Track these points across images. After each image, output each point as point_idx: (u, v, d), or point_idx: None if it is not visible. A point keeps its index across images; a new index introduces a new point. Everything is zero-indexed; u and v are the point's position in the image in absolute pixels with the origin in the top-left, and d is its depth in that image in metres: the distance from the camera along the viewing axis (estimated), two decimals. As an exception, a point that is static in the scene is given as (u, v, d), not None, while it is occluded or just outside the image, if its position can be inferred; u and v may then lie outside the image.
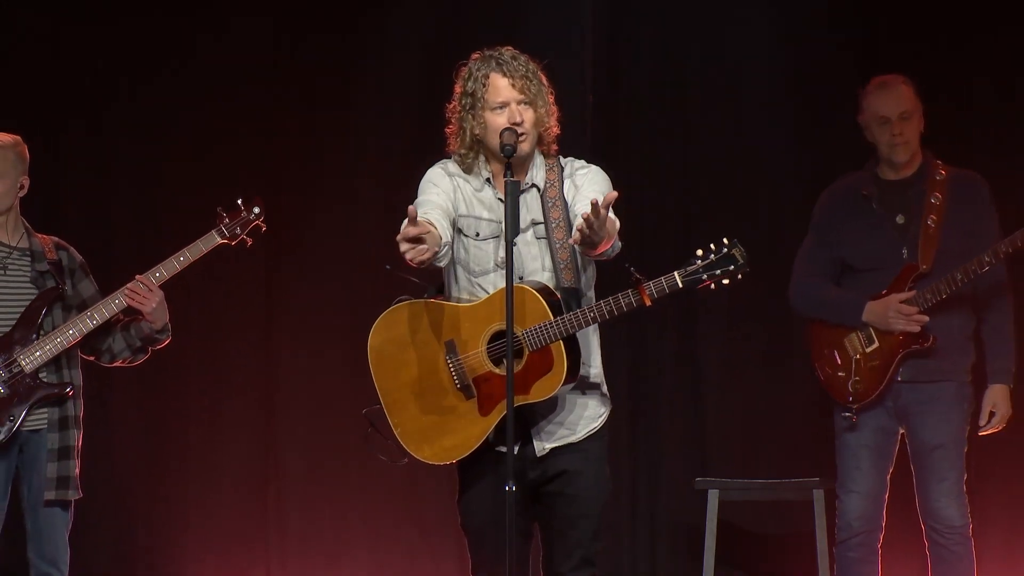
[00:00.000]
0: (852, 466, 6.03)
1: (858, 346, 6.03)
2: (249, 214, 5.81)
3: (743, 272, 4.70)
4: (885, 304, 5.97)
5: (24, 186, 5.76)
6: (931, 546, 6.00)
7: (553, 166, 4.91)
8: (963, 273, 5.90)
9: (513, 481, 4.64)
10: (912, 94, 6.06)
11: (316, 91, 7.31)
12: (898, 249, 6.02)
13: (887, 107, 6.03)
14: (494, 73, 4.84)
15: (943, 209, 6.00)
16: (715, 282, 4.70)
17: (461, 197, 4.90)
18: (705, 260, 4.70)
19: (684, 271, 4.71)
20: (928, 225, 5.99)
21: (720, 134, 7.22)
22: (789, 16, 7.14)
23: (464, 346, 4.83)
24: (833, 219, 6.13)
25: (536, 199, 4.89)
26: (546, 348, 4.75)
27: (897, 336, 5.99)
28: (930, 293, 5.94)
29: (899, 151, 6.04)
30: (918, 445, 5.99)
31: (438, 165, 4.97)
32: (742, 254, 4.70)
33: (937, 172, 6.06)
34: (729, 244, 4.72)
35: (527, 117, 4.82)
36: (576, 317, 4.73)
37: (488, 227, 4.89)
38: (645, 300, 4.69)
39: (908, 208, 6.05)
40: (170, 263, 5.73)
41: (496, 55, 4.86)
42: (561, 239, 4.83)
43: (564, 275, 4.84)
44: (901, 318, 5.95)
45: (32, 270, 5.74)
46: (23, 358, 5.65)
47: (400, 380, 4.89)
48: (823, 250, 6.14)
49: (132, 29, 7.25)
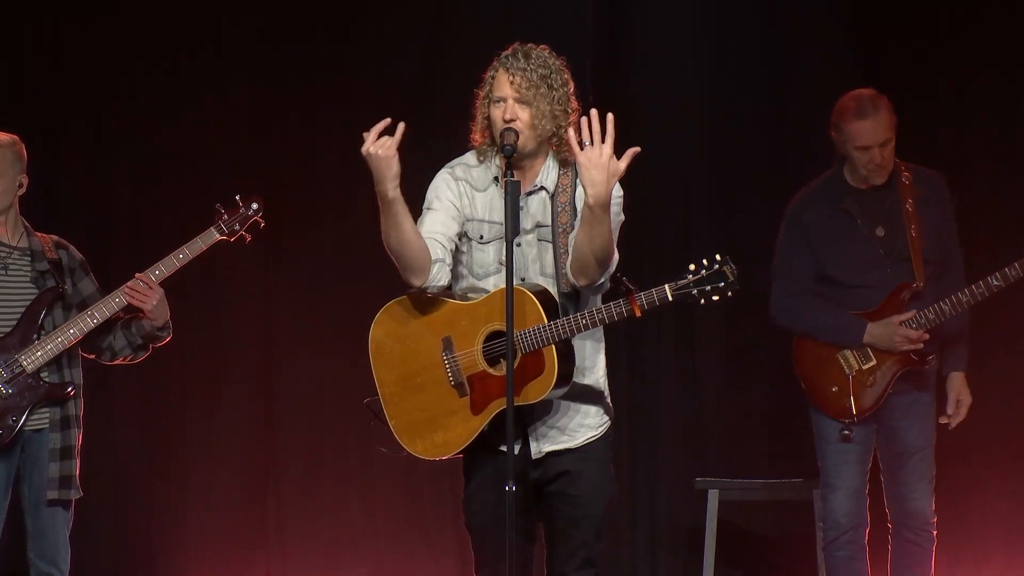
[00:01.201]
0: (840, 462, 6.02)
1: (853, 364, 6.00)
2: (247, 210, 5.82)
3: (733, 290, 4.73)
4: (890, 327, 5.94)
5: (23, 185, 5.76)
6: (899, 541, 6.02)
7: (568, 171, 4.90)
8: (969, 295, 5.89)
9: (513, 481, 4.65)
10: (891, 117, 5.97)
11: (315, 91, 7.31)
12: (883, 265, 6.00)
13: (869, 137, 5.94)
14: (500, 68, 4.85)
15: (916, 215, 5.99)
16: (705, 298, 4.73)
17: (468, 202, 4.91)
18: (696, 276, 4.73)
19: (675, 284, 4.74)
20: (912, 236, 5.98)
21: (720, 134, 7.22)
22: (789, 17, 7.14)
23: (461, 344, 4.84)
24: (811, 232, 6.07)
25: (544, 202, 4.89)
26: (539, 351, 4.77)
27: (897, 356, 5.97)
28: (933, 314, 5.92)
29: (878, 175, 6.00)
30: (900, 448, 5.99)
31: (445, 170, 4.98)
32: (733, 272, 4.73)
33: (903, 175, 6.04)
34: (720, 261, 4.73)
35: (519, 115, 4.81)
36: (568, 323, 4.75)
37: (491, 229, 4.89)
38: (635, 311, 4.73)
39: (887, 219, 6.02)
40: (169, 260, 5.74)
41: (511, 51, 4.88)
42: (565, 245, 4.84)
43: (564, 281, 4.85)
44: (908, 342, 5.93)
45: (32, 269, 5.74)
46: (24, 358, 5.65)
47: (398, 373, 4.90)
48: (803, 261, 6.07)
49: (132, 30, 7.25)
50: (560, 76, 4.85)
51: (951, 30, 7.04)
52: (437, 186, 4.95)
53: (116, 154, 7.32)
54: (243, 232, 5.82)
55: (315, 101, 7.31)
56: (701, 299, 4.74)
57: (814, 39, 7.12)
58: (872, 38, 7.09)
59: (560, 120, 4.83)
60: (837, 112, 6.01)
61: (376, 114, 7.26)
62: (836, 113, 6.02)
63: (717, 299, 4.74)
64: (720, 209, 7.19)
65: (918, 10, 7.06)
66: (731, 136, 7.21)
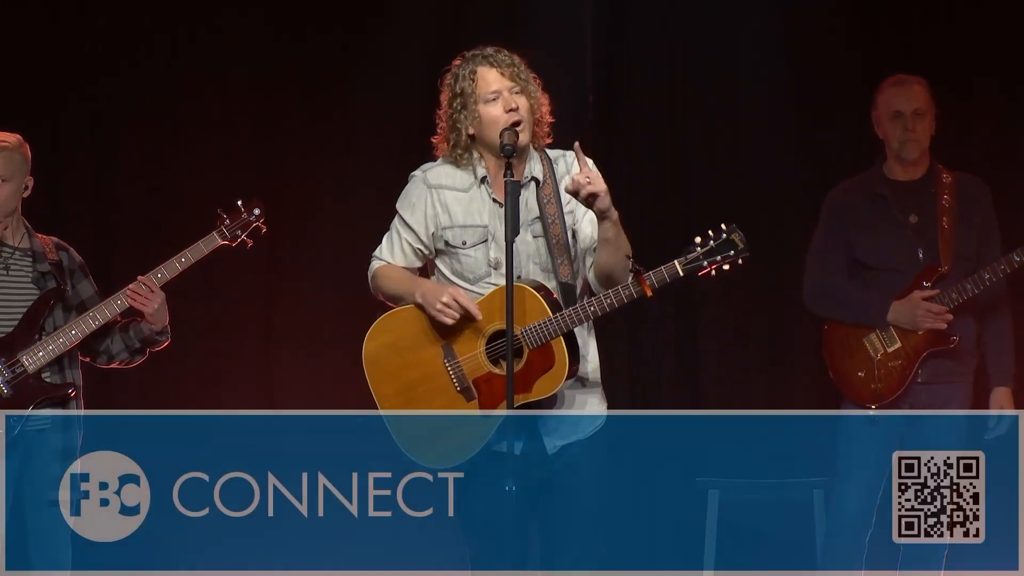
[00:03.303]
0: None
1: (879, 346, 6.04)
2: (249, 216, 5.82)
3: (743, 257, 4.68)
4: (912, 303, 5.98)
5: (28, 186, 5.76)
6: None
7: (543, 159, 4.90)
8: (991, 272, 5.93)
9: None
10: (927, 94, 6.07)
11: (316, 94, 7.30)
12: (914, 249, 6.04)
13: (902, 102, 6.04)
14: (481, 67, 4.85)
15: (953, 211, 6.02)
16: (716, 268, 4.69)
17: (441, 210, 4.89)
18: (705, 247, 4.69)
19: (684, 259, 4.70)
20: (944, 226, 6.01)
21: (720, 134, 7.22)
22: (790, 17, 7.14)
23: (462, 348, 4.82)
24: (847, 217, 6.13)
25: (533, 194, 4.89)
26: (546, 345, 4.75)
27: (921, 336, 5.99)
28: (956, 292, 5.96)
29: (909, 147, 6.04)
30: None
31: (418, 176, 4.96)
32: (741, 239, 4.69)
33: (943, 175, 6.08)
34: (728, 229, 4.71)
35: (522, 104, 4.82)
36: (576, 312, 4.73)
37: (474, 234, 4.87)
38: (646, 291, 4.69)
39: (921, 208, 6.06)
40: (171, 264, 5.74)
41: (479, 52, 4.88)
42: (558, 235, 4.83)
43: (561, 271, 4.84)
44: (930, 316, 5.95)
45: (34, 270, 5.74)
46: (26, 358, 5.65)
47: (397, 386, 4.87)
48: (838, 249, 6.14)
49: (132, 30, 7.25)
50: (527, 69, 4.90)
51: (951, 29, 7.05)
52: (411, 200, 4.94)
53: (116, 155, 7.31)
54: (245, 238, 5.82)
55: (316, 101, 7.30)
56: (712, 269, 4.70)
57: (814, 39, 7.12)
58: (873, 36, 7.09)
59: (540, 111, 4.87)
60: (876, 92, 6.11)
61: (377, 114, 7.34)
62: (875, 93, 6.11)
63: (728, 268, 4.70)
64: (720, 208, 7.19)
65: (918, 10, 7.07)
66: (731, 135, 7.21)
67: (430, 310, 4.77)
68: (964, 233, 6.03)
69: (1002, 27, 6.95)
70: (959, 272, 5.99)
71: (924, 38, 7.04)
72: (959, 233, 6.02)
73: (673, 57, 7.26)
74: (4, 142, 5.68)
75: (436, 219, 4.88)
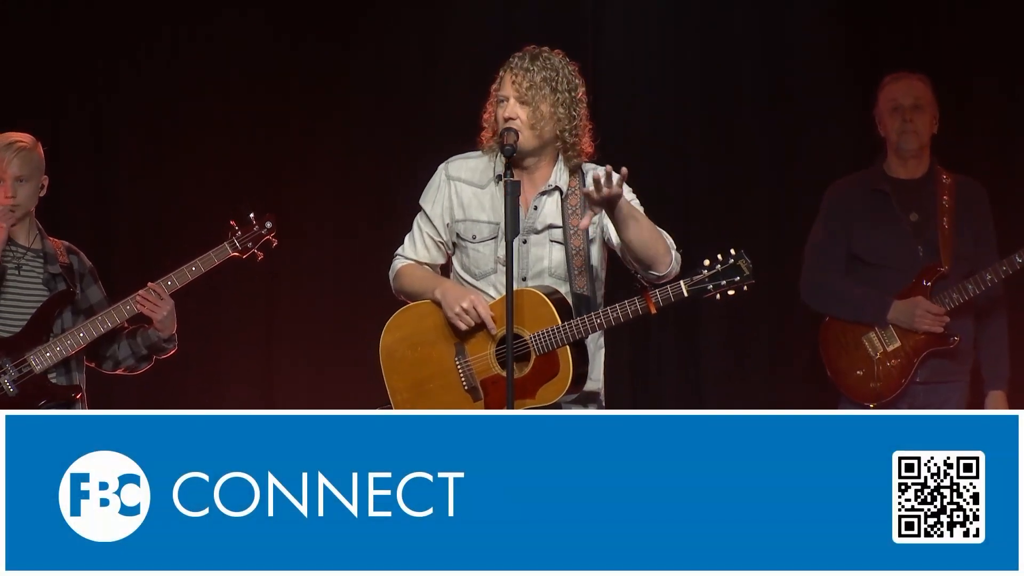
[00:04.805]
0: None
1: (878, 345, 6.04)
2: (261, 229, 5.81)
3: (748, 284, 4.74)
4: (913, 304, 5.98)
5: (44, 186, 5.75)
6: None
7: (576, 175, 4.92)
8: (992, 273, 5.93)
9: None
10: (928, 90, 6.12)
11: (316, 94, 7.31)
12: (913, 247, 6.05)
13: (901, 96, 6.07)
14: (505, 71, 4.93)
15: (952, 212, 6.03)
16: (720, 293, 4.74)
17: (456, 202, 4.93)
18: (711, 271, 4.74)
19: (690, 280, 4.75)
20: (944, 227, 6.02)
21: (720, 134, 7.22)
22: (788, 17, 7.15)
23: (474, 348, 4.84)
24: (847, 212, 6.13)
25: (556, 203, 4.91)
26: (553, 353, 4.78)
27: (921, 336, 6.00)
28: (957, 293, 5.96)
29: (907, 138, 6.05)
30: None
31: (441, 168, 5.03)
32: (748, 265, 4.74)
33: (943, 176, 6.09)
34: (736, 255, 4.75)
35: (518, 114, 4.84)
36: (583, 322, 4.76)
37: (486, 228, 4.91)
38: (651, 308, 4.74)
39: (921, 207, 6.07)
40: (182, 273, 5.74)
41: (521, 53, 4.92)
42: (578, 246, 4.86)
43: (577, 282, 4.87)
44: (928, 318, 5.96)
45: (45, 272, 5.74)
46: (33, 358, 5.65)
47: (410, 380, 4.90)
48: (836, 243, 6.14)
49: (132, 30, 7.25)
50: (567, 81, 4.87)
51: (951, 29, 7.05)
52: (431, 191, 4.99)
53: (116, 155, 7.32)
54: (255, 250, 5.83)
55: (316, 101, 7.31)
56: (717, 294, 4.75)
57: (813, 39, 7.12)
58: (873, 36, 7.09)
59: (564, 124, 4.85)
60: (878, 88, 6.16)
61: (376, 114, 7.34)
62: (877, 90, 6.16)
63: (733, 294, 4.75)
64: (721, 209, 7.19)
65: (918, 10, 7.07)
66: (731, 135, 7.21)
67: (448, 312, 4.80)
68: (962, 236, 6.03)
69: (1002, 27, 6.96)
70: (959, 272, 6.00)
71: (924, 38, 7.05)
72: (959, 234, 6.03)
73: (673, 57, 7.26)
74: (21, 142, 5.68)
75: (451, 211, 4.93)
